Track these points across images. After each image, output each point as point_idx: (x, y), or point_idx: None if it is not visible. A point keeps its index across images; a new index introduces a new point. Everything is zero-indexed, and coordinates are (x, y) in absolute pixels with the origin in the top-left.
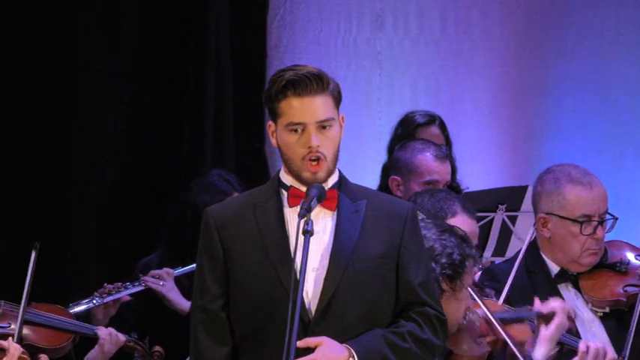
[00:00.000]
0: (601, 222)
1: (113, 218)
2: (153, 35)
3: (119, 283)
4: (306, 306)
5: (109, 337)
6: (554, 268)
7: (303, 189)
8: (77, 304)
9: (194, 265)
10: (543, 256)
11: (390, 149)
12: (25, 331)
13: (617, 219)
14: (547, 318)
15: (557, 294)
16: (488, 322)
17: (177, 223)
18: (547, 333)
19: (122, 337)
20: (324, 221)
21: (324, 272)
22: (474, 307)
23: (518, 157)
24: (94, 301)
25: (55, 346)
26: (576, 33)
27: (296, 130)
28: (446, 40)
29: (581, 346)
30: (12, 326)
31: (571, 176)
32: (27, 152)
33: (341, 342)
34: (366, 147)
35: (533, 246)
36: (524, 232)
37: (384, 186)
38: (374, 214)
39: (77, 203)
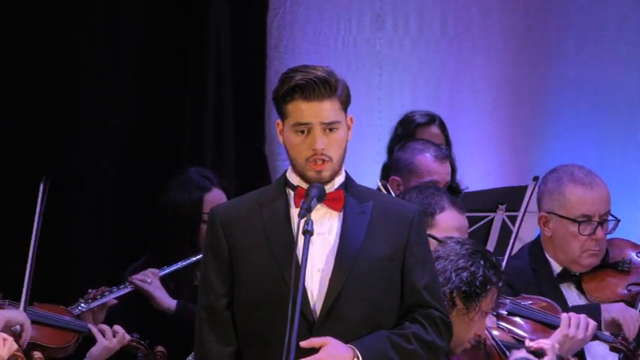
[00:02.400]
0: (601, 223)
1: (113, 218)
2: (153, 35)
3: (103, 287)
4: (311, 307)
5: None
6: (557, 268)
7: None
8: None
9: (179, 264)
10: (547, 255)
11: (390, 149)
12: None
13: (619, 221)
14: (537, 354)
15: (559, 293)
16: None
17: (159, 224)
18: None
19: (120, 332)
20: (329, 222)
21: (330, 273)
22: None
23: (519, 157)
24: (80, 307)
25: (59, 346)
26: (576, 33)
27: (302, 132)
28: (446, 40)
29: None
30: (17, 326)
31: (573, 176)
32: (27, 152)
33: (345, 343)
34: (366, 147)
35: (537, 244)
36: (524, 232)
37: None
38: (380, 216)
39: (77, 203)
